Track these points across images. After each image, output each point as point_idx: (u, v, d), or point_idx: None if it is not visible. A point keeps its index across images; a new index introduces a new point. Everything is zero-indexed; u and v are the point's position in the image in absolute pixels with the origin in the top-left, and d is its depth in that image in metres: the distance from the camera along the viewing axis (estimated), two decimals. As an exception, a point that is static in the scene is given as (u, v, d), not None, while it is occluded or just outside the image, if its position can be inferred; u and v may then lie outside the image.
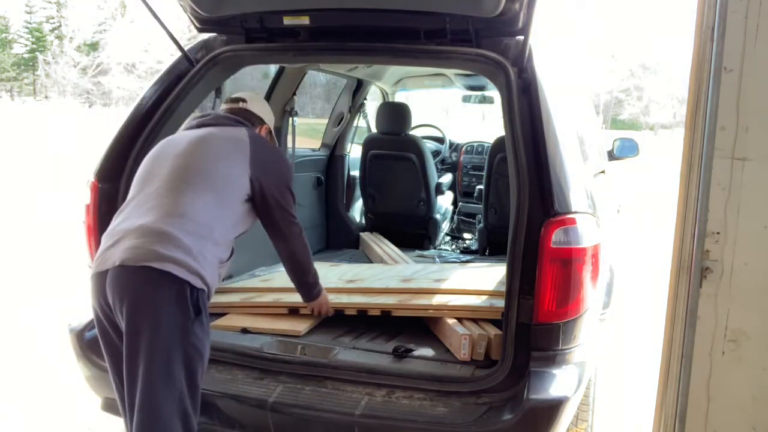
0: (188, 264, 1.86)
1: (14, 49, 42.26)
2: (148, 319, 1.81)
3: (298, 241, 2.27)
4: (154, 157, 2.15)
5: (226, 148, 2.13)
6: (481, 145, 5.55)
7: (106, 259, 1.89)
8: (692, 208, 1.92)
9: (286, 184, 2.21)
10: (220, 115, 2.29)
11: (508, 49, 2.27)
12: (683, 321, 1.97)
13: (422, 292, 2.66)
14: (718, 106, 1.84)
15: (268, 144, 2.28)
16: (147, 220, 1.91)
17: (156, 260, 1.83)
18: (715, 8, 1.82)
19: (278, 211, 2.18)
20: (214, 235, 1.97)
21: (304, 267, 2.36)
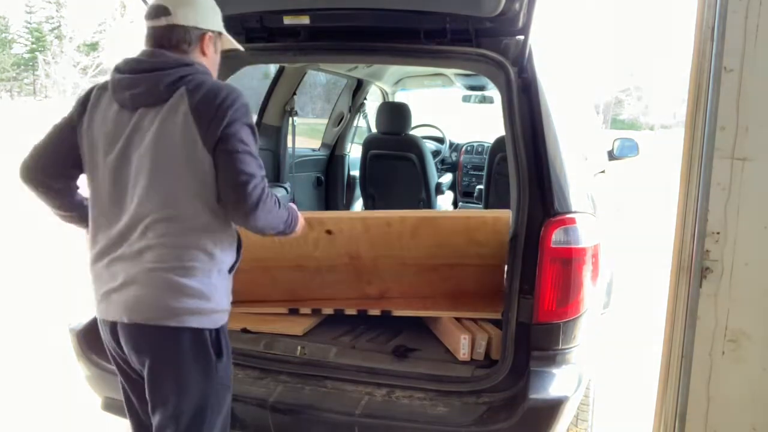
0: (203, 308, 1.71)
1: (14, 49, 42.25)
2: (173, 377, 1.72)
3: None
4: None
5: (171, 156, 1.68)
6: (481, 145, 5.55)
7: (110, 308, 1.74)
8: (692, 208, 1.92)
9: (245, 123, 1.70)
10: (146, 71, 1.71)
11: (508, 48, 2.27)
12: (683, 321, 1.97)
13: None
14: (718, 106, 1.84)
15: (208, 87, 1.70)
16: (144, 264, 1.68)
17: (172, 317, 1.68)
18: (715, 8, 1.82)
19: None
20: (215, 255, 1.75)
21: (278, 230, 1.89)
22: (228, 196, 1.68)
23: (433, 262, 2.41)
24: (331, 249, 2.38)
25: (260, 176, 1.68)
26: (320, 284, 2.56)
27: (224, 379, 1.80)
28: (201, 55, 1.80)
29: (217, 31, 1.85)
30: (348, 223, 2.35)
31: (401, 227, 2.29)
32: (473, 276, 2.43)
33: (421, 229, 2.29)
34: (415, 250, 2.36)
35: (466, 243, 2.30)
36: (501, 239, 2.19)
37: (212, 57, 1.85)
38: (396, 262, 2.43)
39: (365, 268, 2.48)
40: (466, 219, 2.31)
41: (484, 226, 2.23)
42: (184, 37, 1.77)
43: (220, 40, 1.88)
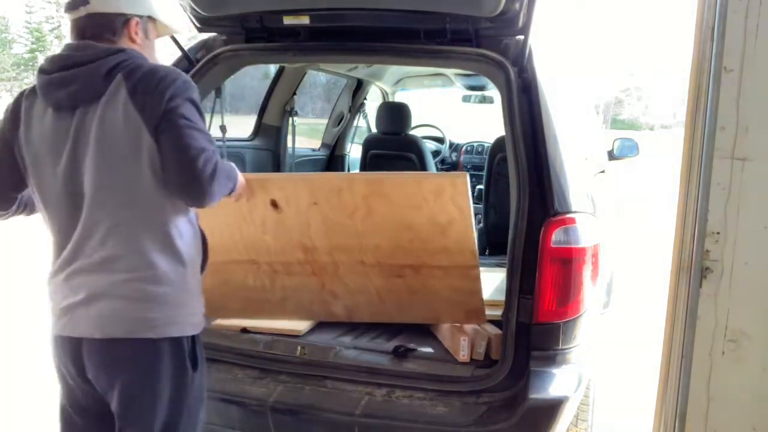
0: (181, 314, 1.64)
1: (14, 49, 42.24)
2: (150, 393, 1.62)
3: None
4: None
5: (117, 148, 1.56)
6: (481, 145, 5.55)
7: (76, 324, 1.60)
8: (692, 208, 1.92)
9: (186, 98, 1.57)
10: (78, 65, 1.59)
11: (508, 48, 2.27)
12: (683, 321, 1.97)
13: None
14: (718, 106, 1.84)
15: (146, 69, 1.59)
16: (114, 275, 1.58)
17: (151, 328, 1.59)
18: (715, 8, 1.82)
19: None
20: (185, 255, 1.65)
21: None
22: (178, 176, 1.54)
23: (397, 262, 2.21)
24: (281, 232, 2.18)
25: (210, 151, 1.55)
26: (281, 296, 2.41)
27: (198, 392, 1.72)
28: (130, 43, 1.68)
29: (146, 16, 1.71)
30: (293, 189, 2.09)
31: (352, 197, 2.06)
32: (443, 284, 2.23)
33: (374, 200, 2.06)
34: (372, 236, 2.14)
35: (428, 225, 2.08)
36: (466, 223, 2.02)
37: (144, 43, 1.72)
38: (355, 260, 2.23)
39: (325, 271, 2.29)
40: (417, 181, 2.03)
41: (441, 194, 1.99)
42: (107, 25, 1.64)
43: (153, 24, 1.75)
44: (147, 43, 1.73)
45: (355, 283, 2.30)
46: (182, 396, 1.66)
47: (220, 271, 2.29)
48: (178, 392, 1.65)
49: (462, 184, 1.96)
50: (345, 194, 2.05)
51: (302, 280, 2.32)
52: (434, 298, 2.28)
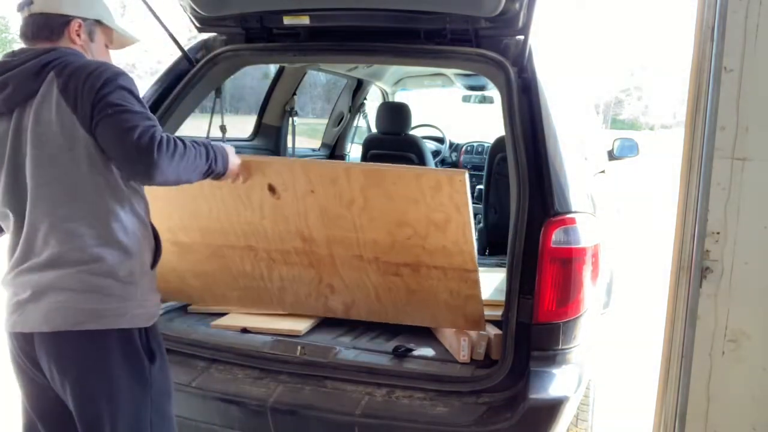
0: (128, 306, 1.61)
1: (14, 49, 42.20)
2: (104, 389, 1.59)
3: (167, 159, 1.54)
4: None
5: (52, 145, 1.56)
6: (481, 145, 5.56)
7: (25, 319, 1.60)
8: (692, 208, 1.92)
9: (117, 86, 1.54)
10: (11, 69, 1.60)
11: (508, 48, 2.27)
12: (683, 321, 1.97)
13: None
14: (718, 106, 1.84)
15: (77, 65, 1.57)
16: (59, 270, 1.57)
17: (96, 319, 1.57)
18: (715, 8, 1.82)
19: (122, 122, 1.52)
20: (131, 248, 1.63)
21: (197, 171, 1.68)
22: (120, 159, 1.54)
23: (394, 259, 2.17)
24: (279, 218, 2.15)
25: (146, 125, 1.50)
26: (279, 286, 2.39)
27: (162, 387, 1.68)
28: (70, 44, 1.67)
29: (92, 19, 1.71)
30: (290, 175, 2.04)
31: (350, 187, 2.02)
32: (441, 286, 2.19)
33: (371, 192, 2.01)
34: (369, 230, 2.10)
35: (425, 222, 2.04)
36: (464, 222, 1.98)
37: (88, 46, 1.71)
38: (353, 255, 2.19)
39: (323, 263, 2.25)
40: (416, 176, 1.96)
41: (439, 191, 1.95)
42: (47, 25, 1.65)
43: (101, 29, 1.74)
44: (91, 45, 1.72)
45: (353, 279, 2.28)
46: (143, 390, 1.63)
47: (218, 255, 2.31)
48: (137, 386, 1.62)
49: (460, 182, 1.93)
50: (342, 183, 2.01)
51: (300, 271, 2.30)
52: (432, 301, 2.26)
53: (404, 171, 1.98)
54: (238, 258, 2.33)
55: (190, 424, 2.15)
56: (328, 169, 2.06)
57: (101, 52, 1.76)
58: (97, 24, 1.73)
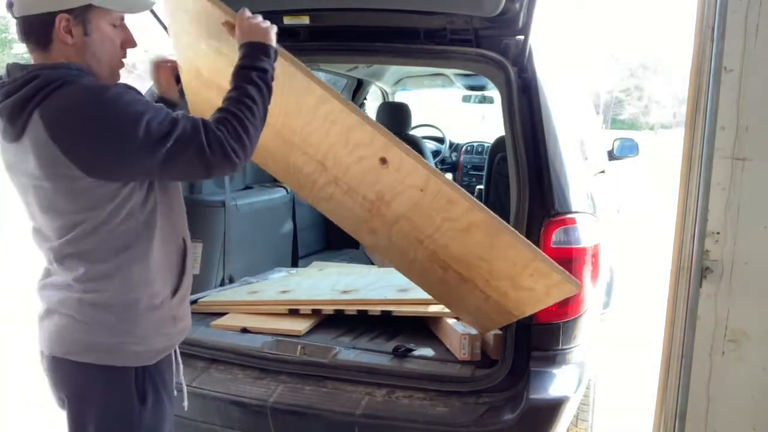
0: (119, 342, 1.47)
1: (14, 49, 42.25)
2: (92, 418, 1.51)
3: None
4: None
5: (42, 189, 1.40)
6: (481, 145, 5.56)
7: (40, 336, 1.55)
8: (692, 208, 1.92)
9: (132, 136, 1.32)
10: (3, 98, 1.38)
11: (508, 48, 2.27)
12: (683, 321, 1.97)
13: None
14: (718, 106, 1.84)
15: (63, 106, 1.33)
16: (66, 293, 1.49)
17: (84, 352, 1.47)
18: (715, 8, 1.82)
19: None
20: (135, 284, 1.48)
21: (251, 110, 1.45)
22: (184, 176, 1.48)
23: (452, 263, 2.07)
24: (370, 173, 1.97)
25: (179, 125, 1.34)
26: (324, 196, 2.19)
27: (153, 429, 1.54)
28: (63, 47, 1.39)
29: (79, 7, 1.37)
30: (410, 166, 1.86)
31: (461, 216, 1.87)
32: (477, 301, 2.13)
33: (476, 231, 1.89)
34: (449, 242, 1.98)
35: (508, 278, 1.94)
36: (542, 302, 1.92)
37: (84, 42, 1.41)
38: (415, 237, 2.06)
39: (383, 219, 2.10)
40: (532, 257, 1.82)
41: (542, 279, 1.86)
42: (33, 32, 1.39)
43: (95, 14, 1.40)
44: (88, 40, 1.41)
45: (399, 242, 2.16)
46: (129, 430, 1.52)
47: (287, 142, 2.08)
48: (125, 425, 1.50)
49: (568, 293, 1.88)
50: (455, 209, 1.87)
51: (354, 207, 2.13)
52: (461, 301, 2.23)
53: (522, 245, 1.84)
54: (301, 159, 2.12)
55: (190, 424, 2.14)
56: (451, 191, 1.85)
57: (107, 45, 1.45)
58: (88, 10, 1.39)
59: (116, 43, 1.47)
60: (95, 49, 1.43)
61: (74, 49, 1.41)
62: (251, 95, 1.45)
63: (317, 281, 2.94)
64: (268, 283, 2.97)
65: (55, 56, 1.40)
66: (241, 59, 1.51)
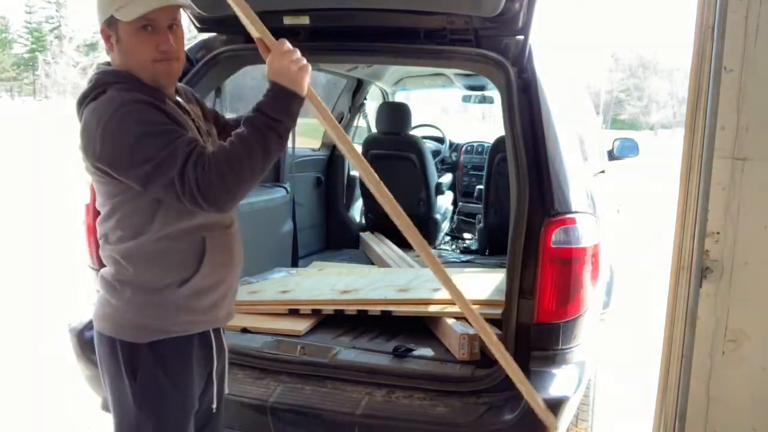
0: (113, 315, 1.59)
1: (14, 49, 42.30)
2: (107, 384, 1.65)
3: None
4: None
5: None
6: (481, 145, 5.56)
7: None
8: (692, 208, 1.92)
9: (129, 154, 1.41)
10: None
11: (508, 48, 2.27)
12: (683, 321, 1.97)
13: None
14: (718, 106, 1.84)
15: (82, 123, 1.49)
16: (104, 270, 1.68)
17: (96, 320, 1.64)
18: (715, 8, 1.82)
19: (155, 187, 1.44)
20: (129, 270, 1.57)
21: (256, 155, 1.42)
22: (166, 198, 1.46)
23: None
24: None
25: (166, 152, 1.38)
26: None
27: (142, 406, 1.58)
28: (111, 53, 1.57)
29: (108, 18, 1.49)
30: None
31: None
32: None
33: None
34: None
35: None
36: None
37: (119, 49, 1.52)
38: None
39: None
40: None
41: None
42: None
43: (116, 25, 1.49)
44: (121, 48, 1.52)
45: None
46: (120, 402, 1.61)
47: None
48: (114, 396, 1.62)
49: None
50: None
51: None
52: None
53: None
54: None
55: (190, 424, 2.14)
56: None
57: (135, 51, 1.50)
58: (114, 20, 1.48)
59: (147, 47, 1.50)
60: (127, 55, 1.52)
61: (116, 56, 1.55)
62: (250, 144, 1.41)
63: (317, 281, 2.94)
64: (268, 283, 2.97)
65: (112, 60, 1.58)
66: (262, 99, 1.45)
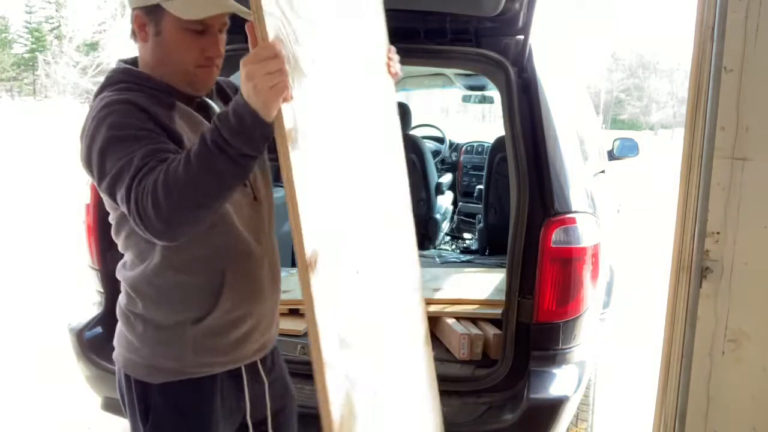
0: (124, 353, 1.42)
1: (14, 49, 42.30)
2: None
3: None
4: None
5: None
6: (481, 145, 5.56)
7: None
8: (692, 208, 1.92)
9: (91, 152, 1.23)
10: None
11: (508, 48, 2.27)
12: (683, 321, 1.96)
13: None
14: (718, 106, 1.84)
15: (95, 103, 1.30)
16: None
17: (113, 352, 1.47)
18: (715, 8, 1.82)
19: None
20: (138, 304, 1.39)
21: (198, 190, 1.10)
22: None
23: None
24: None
25: (127, 163, 1.14)
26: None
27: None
28: (142, 44, 1.36)
29: (150, 5, 1.28)
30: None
31: None
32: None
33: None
34: None
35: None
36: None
37: (154, 43, 1.33)
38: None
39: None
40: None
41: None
42: (131, 26, 1.35)
43: (165, 15, 1.29)
44: (158, 41, 1.32)
45: None
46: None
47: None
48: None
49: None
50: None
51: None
52: None
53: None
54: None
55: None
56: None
57: (177, 50, 1.32)
58: (159, 10, 1.29)
59: (193, 49, 1.32)
60: (164, 51, 1.33)
61: (148, 48, 1.35)
62: (194, 165, 1.09)
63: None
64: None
65: (139, 52, 1.38)
66: (224, 109, 1.12)
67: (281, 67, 1.06)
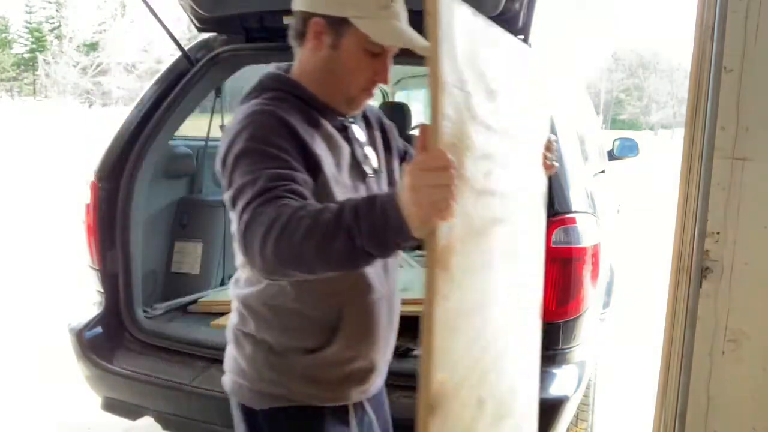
0: (240, 381, 1.38)
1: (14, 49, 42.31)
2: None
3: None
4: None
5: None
6: (481, 145, 5.55)
7: None
8: (692, 208, 1.92)
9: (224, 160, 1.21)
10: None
11: (508, 48, 2.26)
12: (683, 321, 1.96)
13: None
14: (718, 106, 1.84)
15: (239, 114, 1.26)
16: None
17: (226, 384, 1.43)
18: (715, 8, 1.82)
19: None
20: (251, 326, 1.36)
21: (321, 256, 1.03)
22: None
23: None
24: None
25: (247, 179, 1.13)
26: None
27: None
28: (310, 53, 1.32)
29: (338, 17, 1.24)
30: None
31: None
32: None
33: None
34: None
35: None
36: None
37: (327, 54, 1.29)
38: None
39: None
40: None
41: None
42: (294, 28, 1.34)
43: (351, 33, 1.25)
44: (333, 55, 1.28)
45: None
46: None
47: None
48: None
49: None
50: None
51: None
52: None
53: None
54: None
55: (190, 424, 2.14)
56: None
57: (350, 69, 1.29)
58: (344, 24, 1.25)
59: (366, 71, 1.30)
60: (337, 66, 1.29)
61: (317, 59, 1.31)
62: (315, 230, 1.01)
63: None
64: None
65: (301, 58, 1.35)
66: (376, 199, 0.99)
67: (450, 182, 0.88)
